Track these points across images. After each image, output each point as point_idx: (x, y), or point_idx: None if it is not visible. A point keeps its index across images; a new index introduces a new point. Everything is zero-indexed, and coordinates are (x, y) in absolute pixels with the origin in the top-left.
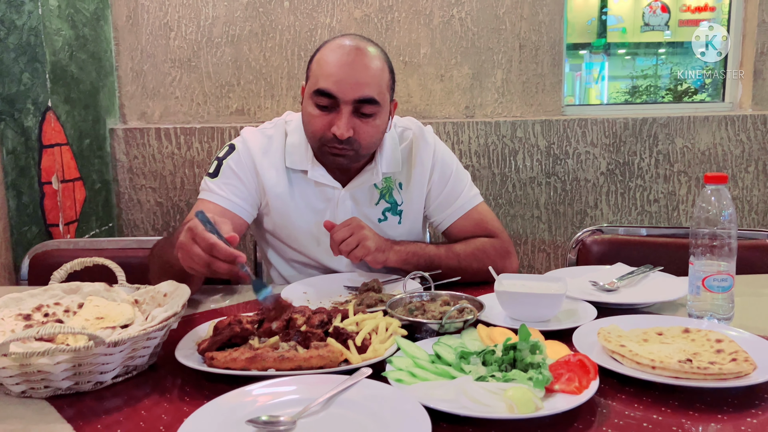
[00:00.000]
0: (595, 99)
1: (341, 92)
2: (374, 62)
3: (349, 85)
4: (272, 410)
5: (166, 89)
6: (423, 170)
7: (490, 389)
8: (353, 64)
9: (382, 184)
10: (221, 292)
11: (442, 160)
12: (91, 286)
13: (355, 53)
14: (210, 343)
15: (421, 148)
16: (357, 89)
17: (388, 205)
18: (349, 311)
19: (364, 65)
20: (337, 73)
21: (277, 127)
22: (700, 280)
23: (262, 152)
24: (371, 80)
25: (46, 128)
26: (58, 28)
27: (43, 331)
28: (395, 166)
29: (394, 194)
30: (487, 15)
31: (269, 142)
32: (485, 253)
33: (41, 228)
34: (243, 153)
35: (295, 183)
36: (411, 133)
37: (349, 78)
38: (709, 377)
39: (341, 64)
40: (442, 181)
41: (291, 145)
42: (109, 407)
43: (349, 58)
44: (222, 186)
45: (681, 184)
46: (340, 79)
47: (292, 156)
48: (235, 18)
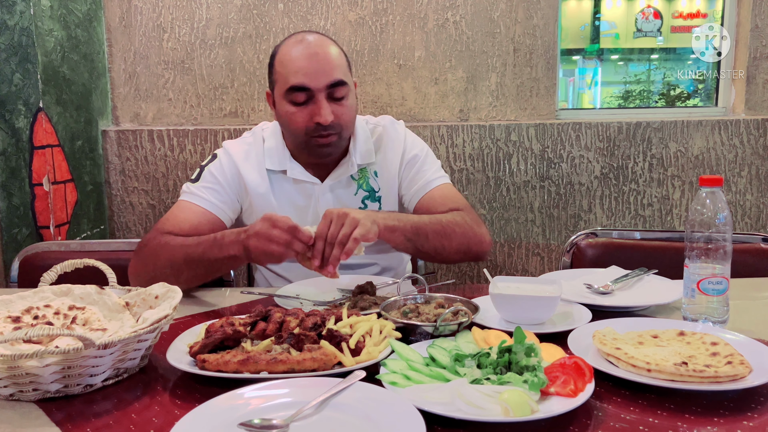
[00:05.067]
0: (588, 104)
1: (313, 82)
2: (332, 48)
3: (318, 73)
4: (265, 413)
5: (159, 91)
6: (395, 155)
7: (485, 392)
8: (316, 55)
9: (358, 174)
10: (213, 294)
11: (413, 145)
12: (82, 289)
13: (314, 44)
14: (202, 345)
15: (391, 137)
16: (326, 76)
17: (366, 194)
18: (343, 314)
19: (325, 53)
20: (304, 66)
21: (254, 135)
22: (695, 282)
23: (244, 157)
24: (335, 64)
25: (37, 129)
26: (50, 28)
27: (32, 333)
28: (368, 156)
29: (371, 182)
30: (481, 18)
31: (249, 149)
32: (464, 219)
33: (32, 230)
34: (225, 160)
35: (276, 183)
36: (381, 127)
37: (317, 67)
38: (705, 380)
39: (305, 57)
40: (412, 162)
41: (269, 148)
42: (99, 410)
43: (310, 50)
44: (202, 189)
45: (675, 189)
46: (308, 71)
47: (271, 158)
48: (229, 20)
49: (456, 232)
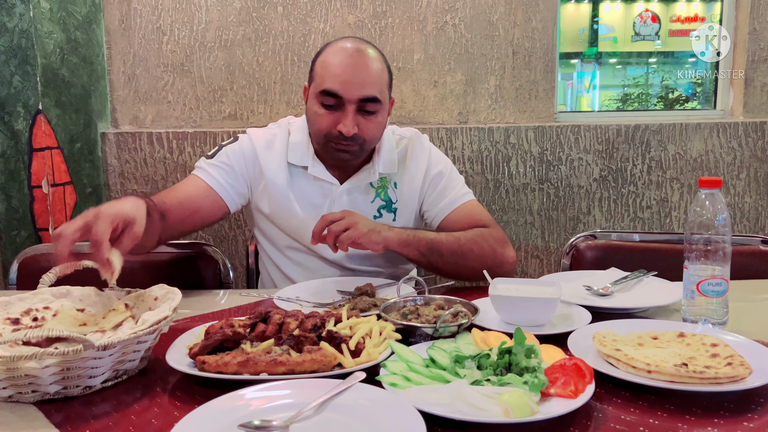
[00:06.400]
0: (587, 108)
1: (346, 92)
2: (375, 63)
3: (353, 85)
4: (264, 415)
5: (159, 93)
6: (418, 170)
7: (486, 393)
8: (357, 66)
9: (378, 183)
10: (213, 296)
11: (437, 161)
12: (81, 290)
13: (358, 55)
14: (201, 346)
15: (416, 150)
16: (361, 89)
17: (383, 203)
18: (343, 315)
19: (367, 66)
20: (341, 74)
21: (280, 127)
22: (694, 284)
23: (266, 146)
24: (373, 80)
25: (36, 131)
26: (49, 31)
27: (31, 335)
28: (391, 167)
29: (389, 193)
30: (480, 21)
31: (273, 138)
32: (484, 239)
33: (30, 232)
34: (245, 143)
35: (295, 177)
36: (406, 139)
37: (354, 79)
38: (705, 381)
39: (345, 66)
40: (437, 179)
41: (293, 143)
42: (98, 412)
43: (352, 60)
44: (213, 166)
45: (673, 191)
46: (344, 80)
47: (294, 152)
48: (229, 23)
49: (473, 252)
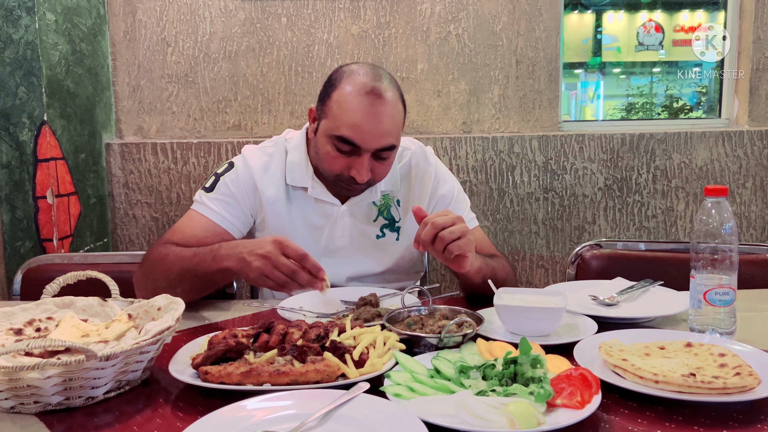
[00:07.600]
0: (591, 117)
1: (364, 143)
2: (394, 110)
3: (372, 136)
4: (268, 425)
5: (163, 104)
6: (423, 188)
7: (491, 404)
8: (376, 116)
9: (380, 201)
10: (216, 306)
11: (444, 180)
12: (85, 301)
13: (378, 102)
14: (204, 357)
15: (421, 167)
16: (380, 139)
17: (386, 222)
18: (346, 325)
19: (386, 115)
20: (360, 123)
21: (277, 146)
22: (701, 293)
23: (263, 169)
24: (394, 129)
25: (41, 142)
26: (54, 42)
27: (33, 345)
28: (393, 184)
29: (392, 211)
30: (483, 31)
31: (270, 160)
32: (505, 270)
33: (35, 243)
34: (242, 171)
35: (295, 199)
36: (410, 152)
37: (373, 130)
38: (713, 392)
39: (364, 115)
40: (442, 202)
41: (291, 162)
42: (100, 423)
43: (373, 108)
44: (215, 201)
45: (679, 200)
46: (363, 130)
47: (292, 173)
48: (233, 34)
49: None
